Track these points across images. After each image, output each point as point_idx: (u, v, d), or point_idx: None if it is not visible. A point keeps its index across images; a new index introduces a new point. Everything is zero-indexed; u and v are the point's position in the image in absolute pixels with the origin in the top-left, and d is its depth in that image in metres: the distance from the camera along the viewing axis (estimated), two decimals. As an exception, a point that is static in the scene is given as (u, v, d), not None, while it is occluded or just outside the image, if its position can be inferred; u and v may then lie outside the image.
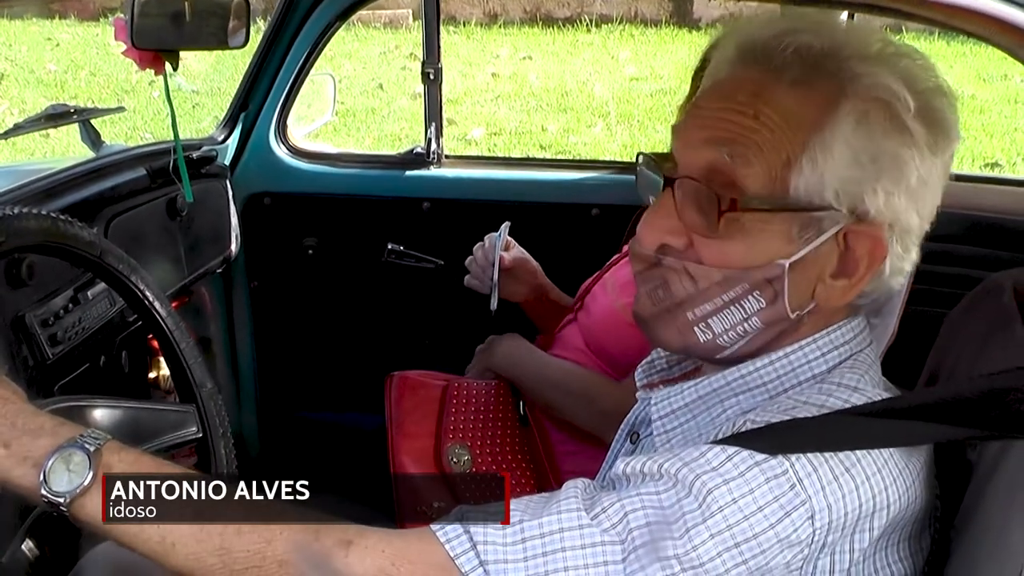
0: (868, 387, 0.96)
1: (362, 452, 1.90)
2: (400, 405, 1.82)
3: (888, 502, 0.88)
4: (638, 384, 1.21)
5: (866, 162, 0.93)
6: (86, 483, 0.87)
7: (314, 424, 2.49)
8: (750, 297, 0.97)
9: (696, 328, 1.00)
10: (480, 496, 1.68)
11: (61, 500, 0.87)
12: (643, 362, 1.22)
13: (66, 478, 0.87)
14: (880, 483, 0.87)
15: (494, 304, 1.92)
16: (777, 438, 0.87)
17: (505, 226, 1.95)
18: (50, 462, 0.87)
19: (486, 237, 1.95)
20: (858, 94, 0.93)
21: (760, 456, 0.85)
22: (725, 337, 1.00)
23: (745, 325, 0.99)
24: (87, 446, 0.88)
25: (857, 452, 0.87)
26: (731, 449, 0.86)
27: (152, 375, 2.10)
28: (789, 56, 0.95)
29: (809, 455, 0.85)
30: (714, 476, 0.85)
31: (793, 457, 0.84)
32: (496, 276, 1.91)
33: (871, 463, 0.87)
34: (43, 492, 0.87)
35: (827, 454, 0.85)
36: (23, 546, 1.10)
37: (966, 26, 0.96)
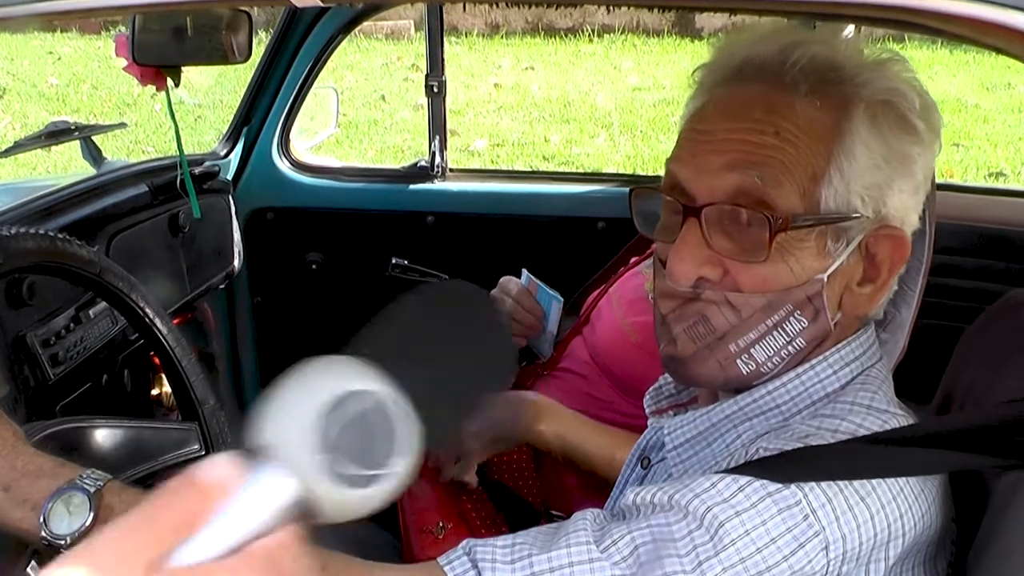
0: (882, 405, 0.95)
1: (367, 470, 1.88)
2: (405, 422, 1.80)
3: (904, 530, 0.86)
4: (647, 410, 1.19)
5: (882, 164, 0.93)
6: (87, 524, 0.86)
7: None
8: (792, 318, 0.96)
9: (739, 360, 0.98)
10: (487, 514, 1.66)
11: (62, 542, 0.86)
12: (651, 388, 1.20)
13: (66, 520, 0.86)
14: (896, 511, 0.85)
15: (549, 353, 1.91)
16: (792, 467, 0.85)
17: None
18: (50, 505, 0.87)
19: (510, 287, 1.92)
20: (865, 98, 0.93)
21: (773, 486, 0.83)
22: (769, 364, 0.98)
23: (789, 347, 0.97)
24: (87, 487, 0.88)
25: (872, 482, 0.85)
26: (743, 479, 0.84)
27: (155, 392, 2.09)
28: (798, 70, 0.94)
29: (823, 486, 0.83)
30: (725, 508, 0.83)
31: (807, 487, 0.82)
32: (556, 326, 1.89)
33: (886, 491, 0.85)
34: (43, 535, 0.86)
35: (842, 484, 0.83)
36: (29, 569, 1.08)
37: (984, 39, 0.95)
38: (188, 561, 0.51)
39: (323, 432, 0.55)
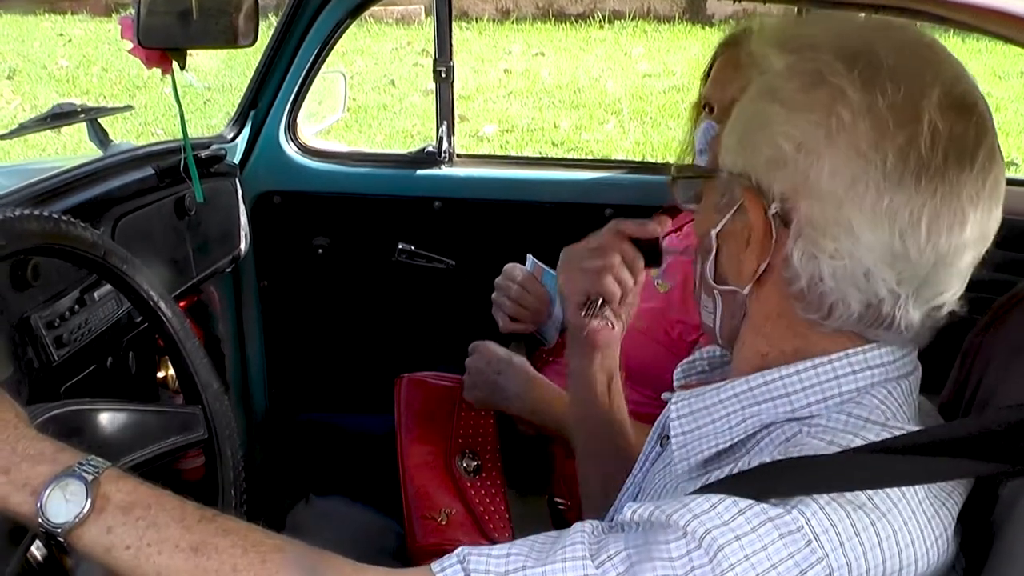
0: (897, 423, 0.91)
1: (371, 455, 1.88)
2: (410, 408, 1.80)
3: (915, 558, 0.83)
4: (675, 384, 1.18)
5: (746, 126, 0.94)
6: (83, 513, 0.86)
7: (323, 426, 2.46)
8: (704, 270, 1.02)
9: (700, 306, 1.06)
10: (490, 501, 1.66)
11: (58, 530, 0.85)
12: (683, 361, 1.19)
13: (63, 507, 0.86)
14: (906, 537, 0.83)
15: (554, 339, 1.90)
16: (793, 476, 0.84)
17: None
18: (47, 491, 0.86)
19: (515, 273, 1.90)
20: (768, 69, 0.93)
21: (774, 511, 0.81)
22: (704, 314, 1.05)
23: (705, 300, 1.04)
24: (85, 475, 0.87)
25: (882, 507, 0.82)
26: (744, 502, 0.82)
27: (160, 375, 2.09)
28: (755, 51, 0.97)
29: (828, 510, 0.80)
30: (725, 531, 0.81)
31: (809, 512, 0.80)
32: (558, 310, 1.88)
33: (897, 516, 0.83)
34: (40, 521, 0.86)
35: (849, 509, 0.81)
36: (33, 547, 1.09)
37: (986, 25, 0.93)
38: None
39: None
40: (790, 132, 0.88)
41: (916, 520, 0.84)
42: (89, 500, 0.86)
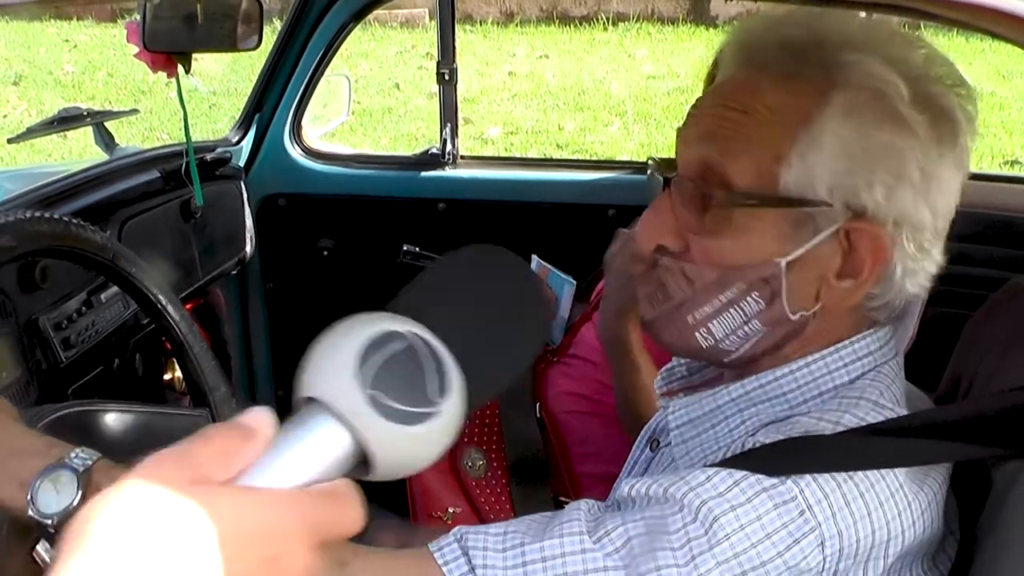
0: (890, 403, 0.93)
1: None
2: (415, 408, 1.81)
3: (902, 528, 0.85)
4: (657, 391, 1.18)
5: (858, 155, 0.89)
6: (75, 503, 0.85)
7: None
8: (748, 298, 0.94)
9: (698, 333, 0.98)
10: (495, 501, 1.67)
11: (49, 521, 0.85)
12: (663, 369, 1.19)
13: (54, 499, 0.85)
14: (893, 509, 0.84)
15: (559, 339, 1.90)
16: (788, 458, 0.85)
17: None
18: (37, 483, 0.85)
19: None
20: (849, 84, 0.89)
21: (768, 481, 0.82)
22: (727, 342, 0.97)
23: (746, 328, 0.96)
24: (75, 466, 0.86)
25: (871, 478, 0.84)
26: (738, 474, 0.83)
27: (167, 377, 2.10)
28: (773, 51, 0.93)
29: (820, 481, 0.82)
30: (720, 502, 0.82)
31: (803, 483, 0.82)
32: (568, 311, 1.88)
33: (884, 488, 0.84)
34: (31, 513, 0.85)
35: (840, 480, 0.83)
36: (39, 547, 1.09)
37: (987, 25, 0.94)
38: (249, 483, 0.53)
39: (365, 370, 0.56)
40: (919, 161, 0.89)
41: (903, 493, 0.85)
42: (80, 491, 0.85)
